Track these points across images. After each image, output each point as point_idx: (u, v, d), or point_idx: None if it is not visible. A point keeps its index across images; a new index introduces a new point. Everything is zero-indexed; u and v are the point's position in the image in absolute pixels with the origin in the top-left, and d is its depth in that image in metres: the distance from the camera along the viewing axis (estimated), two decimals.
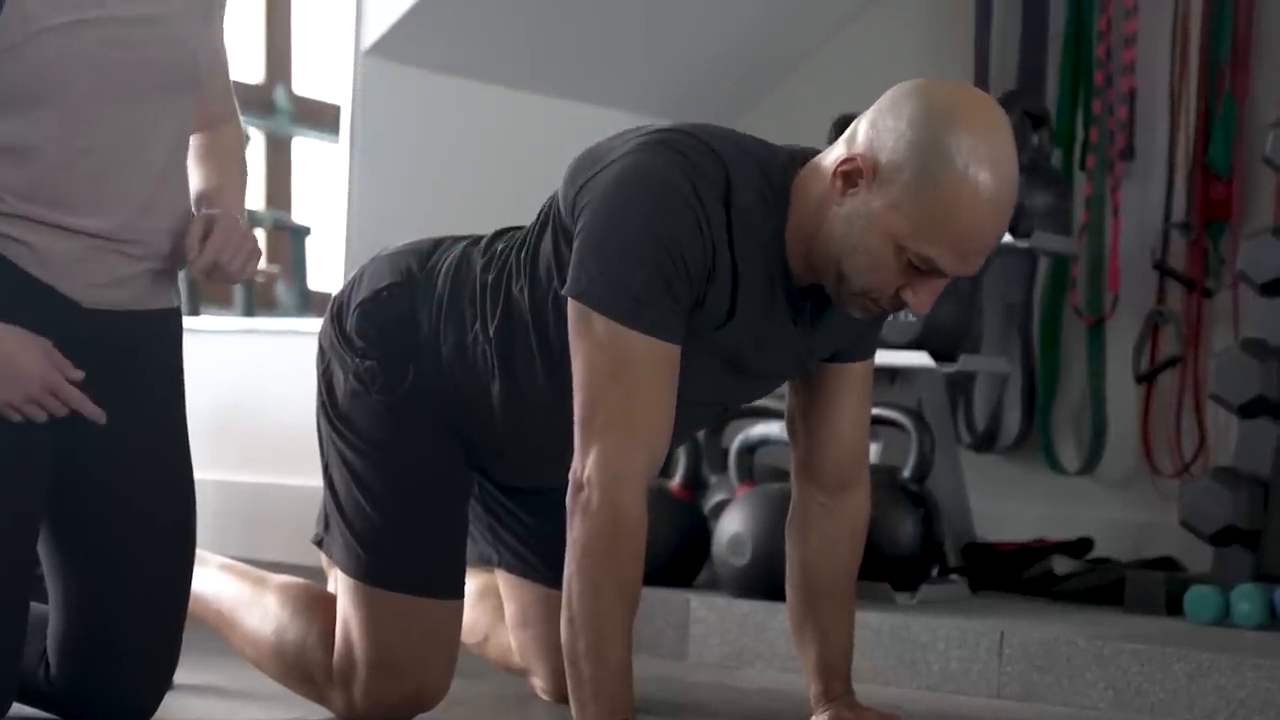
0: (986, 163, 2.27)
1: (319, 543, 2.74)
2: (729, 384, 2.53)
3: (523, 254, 2.53)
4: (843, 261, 2.35)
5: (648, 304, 2.32)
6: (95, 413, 2.38)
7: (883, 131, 2.31)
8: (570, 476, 2.34)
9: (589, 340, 2.34)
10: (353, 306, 2.69)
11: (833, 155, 2.38)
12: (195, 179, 2.56)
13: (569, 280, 2.37)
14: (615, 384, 2.32)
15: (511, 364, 2.55)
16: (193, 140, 2.57)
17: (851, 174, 2.32)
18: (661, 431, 2.36)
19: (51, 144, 2.35)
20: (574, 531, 2.32)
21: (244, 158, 2.65)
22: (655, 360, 2.33)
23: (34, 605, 2.46)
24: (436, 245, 2.71)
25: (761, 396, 2.66)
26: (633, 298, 2.31)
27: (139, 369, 2.49)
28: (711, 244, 2.35)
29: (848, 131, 2.38)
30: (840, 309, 2.43)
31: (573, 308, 2.36)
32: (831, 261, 2.36)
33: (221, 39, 2.58)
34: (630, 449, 2.32)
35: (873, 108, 2.36)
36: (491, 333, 2.56)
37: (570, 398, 2.37)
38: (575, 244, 2.37)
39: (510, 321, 2.54)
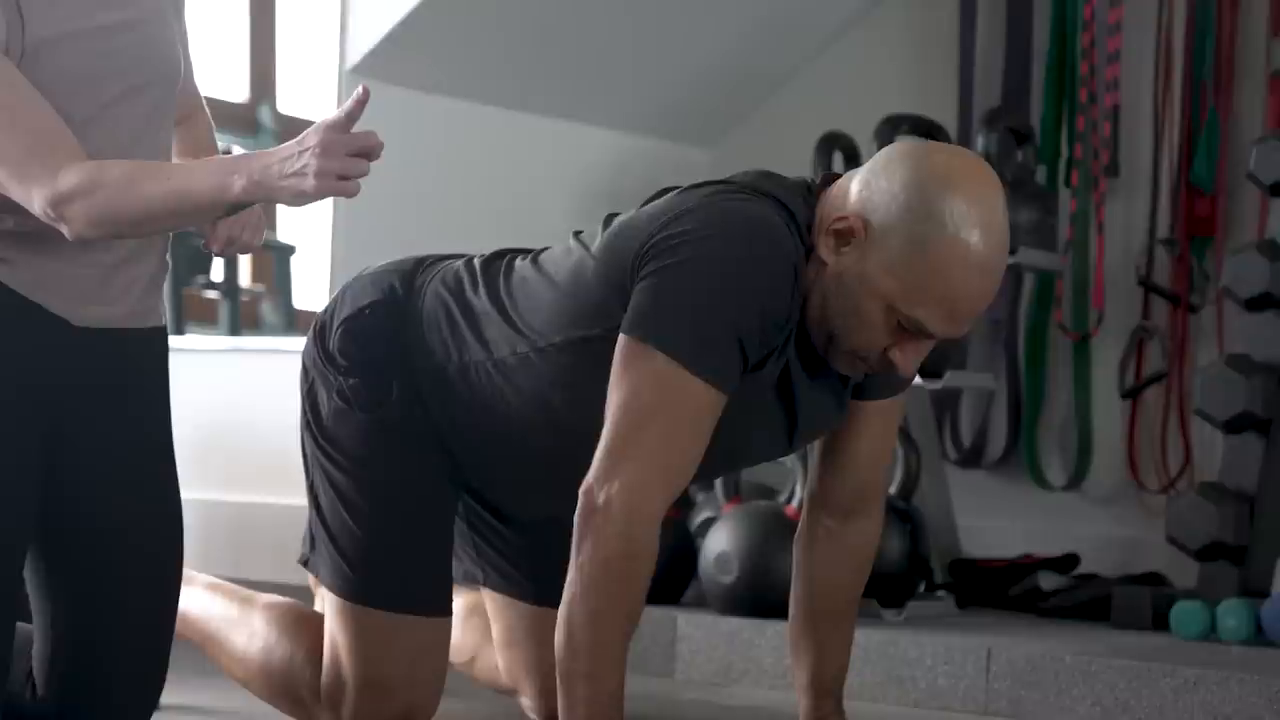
0: (978, 227, 2.28)
1: (305, 562, 2.73)
2: (773, 441, 2.53)
3: (541, 288, 2.52)
4: (833, 320, 2.36)
5: (714, 348, 2.29)
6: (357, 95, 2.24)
7: (875, 193, 2.32)
8: (583, 496, 2.30)
9: (641, 373, 2.30)
10: (336, 325, 2.68)
11: (827, 206, 2.37)
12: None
13: (631, 317, 2.32)
14: (658, 420, 2.29)
15: (523, 393, 2.53)
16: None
17: (844, 233, 2.33)
18: (688, 474, 2.34)
19: None
20: (583, 554, 2.29)
21: (217, 147, 2.65)
22: (703, 403, 2.31)
23: (20, 625, 2.45)
24: (419, 264, 2.70)
25: (767, 459, 2.66)
26: (703, 344, 2.29)
27: (128, 388, 2.47)
28: (795, 296, 2.34)
29: (839, 184, 2.38)
30: (829, 364, 2.44)
31: (629, 343, 2.32)
32: (824, 319, 2.37)
33: (186, 37, 2.59)
34: (657, 485, 2.30)
35: (865, 167, 2.36)
36: (500, 360, 2.54)
37: (583, 432, 2.36)
38: (647, 281, 2.33)
39: (524, 353, 2.52)
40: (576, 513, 2.31)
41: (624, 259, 2.39)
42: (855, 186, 2.35)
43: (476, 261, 2.64)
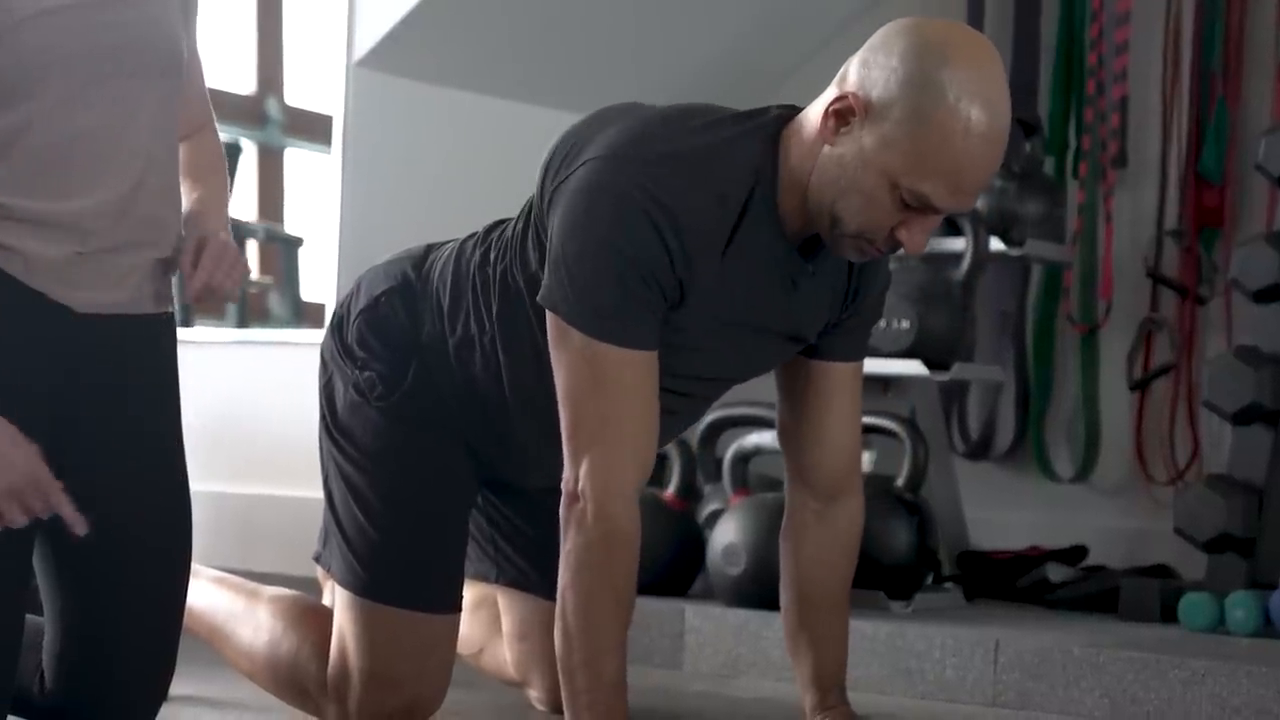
0: (979, 97, 2.25)
1: (318, 558, 2.73)
2: (742, 352, 2.51)
3: (514, 236, 2.55)
4: (836, 203, 2.33)
5: (616, 317, 2.32)
6: (76, 519, 2.31)
7: (874, 69, 2.30)
8: (563, 488, 2.35)
9: (567, 354, 2.35)
10: (353, 317, 2.69)
11: (821, 101, 2.36)
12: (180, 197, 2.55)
13: (542, 288, 2.38)
14: (597, 396, 2.33)
15: (517, 344, 2.54)
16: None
17: (843, 112, 2.31)
18: (648, 438, 2.37)
19: (36, 133, 2.33)
20: (569, 543, 2.33)
21: (225, 167, 2.63)
22: (632, 370, 2.34)
23: (31, 618, 2.45)
24: (429, 249, 2.73)
25: (778, 363, 2.62)
26: (601, 313, 2.32)
27: (134, 377, 2.45)
28: (679, 245, 2.33)
29: (839, 73, 2.36)
30: (835, 254, 2.41)
31: (550, 318, 2.37)
32: (825, 205, 2.34)
33: (196, 43, 2.57)
34: (621, 460, 2.33)
35: (864, 47, 2.34)
36: (495, 316, 2.56)
37: None
38: (548, 250, 2.39)
39: (509, 302, 2.54)
40: (560, 505, 2.33)
41: (543, 196, 2.44)
42: (854, 66, 2.33)
43: (479, 233, 2.66)
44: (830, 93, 2.35)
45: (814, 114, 2.36)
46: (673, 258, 2.33)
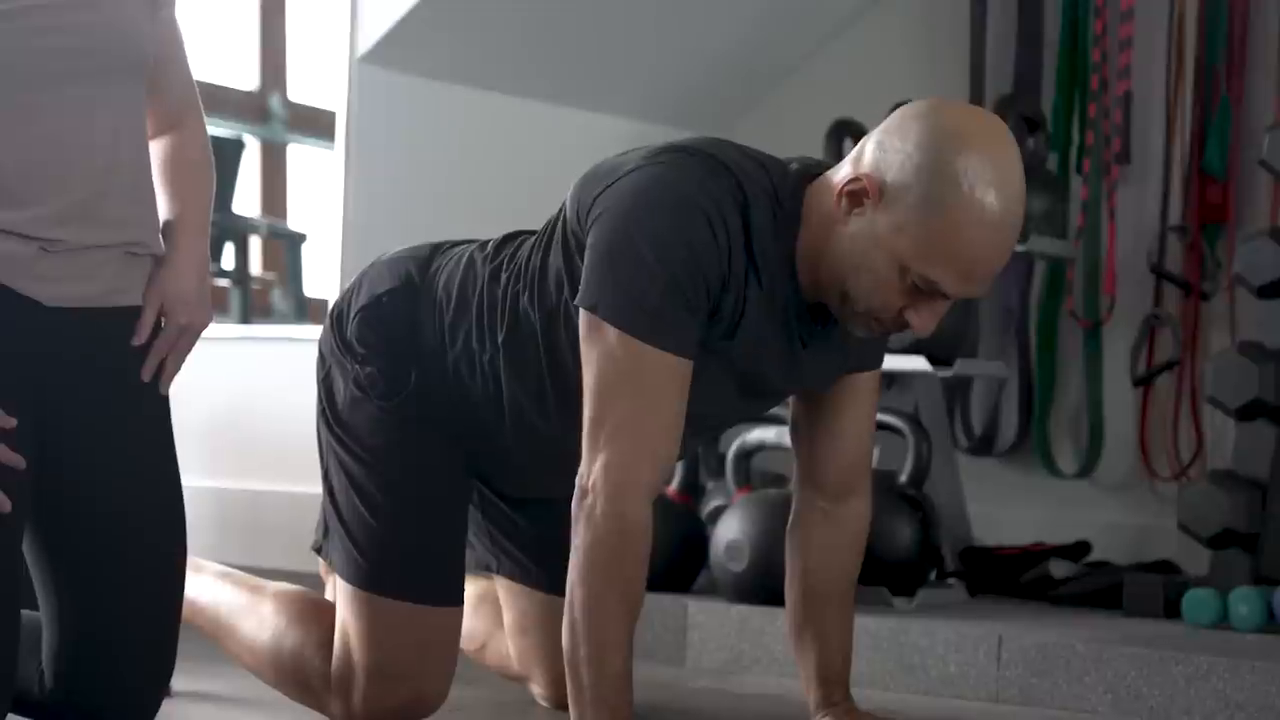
0: (993, 187, 2.26)
1: (318, 550, 2.74)
2: (735, 398, 2.53)
3: (531, 265, 2.53)
4: (847, 281, 2.35)
5: (661, 318, 2.32)
6: (15, 460, 2.31)
7: (889, 152, 2.31)
8: (577, 482, 2.34)
9: (600, 350, 2.34)
10: (353, 313, 2.69)
11: (840, 173, 2.37)
12: (158, 202, 2.52)
13: (581, 290, 2.36)
14: (625, 394, 2.32)
15: (520, 374, 2.55)
16: (155, 147, 2.51)
17: (857, 194, 2.32)
18: (670, 443, 2.36)
19: None
20: (578, 538, 2.33)
21: (208, 161, 2.58)
22: (667, 373, 2.33)
23: (30, 615, 2.44)
24: (435, 250, 2.72)
25: (765, 411, 2.66)
26: (646, 311, 2.31)
27: (114, 369, 2.43)
28: (728, 252, 2.34)
29: (855, 150, 2.38)
30: (844, 327, 2.43)
31: (584, 317, 2.36)
32: (836, 280, 2.36)
33: (174, 28, 2.52)
34: (638, 459, 2.32)
35: (880, 127, 2.35)
36: (500, 342, 2.55)
37: (577, 411, 2.37)
38: (588, 254, 2.37)
39: (519, 332, 2.53)
40: (572, 500, 2.33)
41: (579, 217, 2.42)
42: (870, 146, 2.34)
43: (490, 245, 2.65)
44: (845, 171, 2.35)
45: (832, 184, 2.37)
46: (719, 255, 2.34)
